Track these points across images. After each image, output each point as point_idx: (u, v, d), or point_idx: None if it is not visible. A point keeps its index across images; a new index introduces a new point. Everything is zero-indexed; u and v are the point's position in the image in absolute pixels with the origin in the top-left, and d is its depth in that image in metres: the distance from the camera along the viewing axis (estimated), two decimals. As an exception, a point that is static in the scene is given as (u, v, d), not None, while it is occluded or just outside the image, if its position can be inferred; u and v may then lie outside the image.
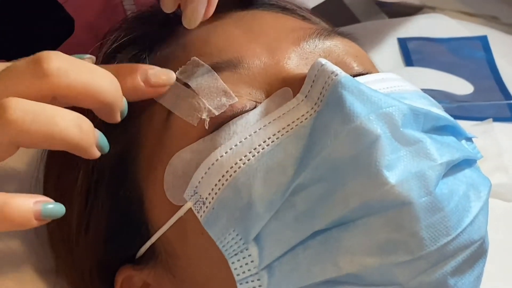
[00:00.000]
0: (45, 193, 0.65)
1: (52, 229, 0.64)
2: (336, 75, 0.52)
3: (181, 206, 0.54)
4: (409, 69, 1.11)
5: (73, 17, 0.76)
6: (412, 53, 1.13)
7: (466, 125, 0.67)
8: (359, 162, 0.50)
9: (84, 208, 0.60)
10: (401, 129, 0.51)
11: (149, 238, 0.57)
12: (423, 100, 0.57)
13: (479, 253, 0.53)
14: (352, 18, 1.56)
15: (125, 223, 0.59)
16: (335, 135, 0.50)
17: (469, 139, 0.59)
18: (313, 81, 0.53)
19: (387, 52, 1.12)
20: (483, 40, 1.19)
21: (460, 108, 1.02)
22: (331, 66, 0.53)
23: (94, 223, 0.60)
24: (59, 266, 0.65)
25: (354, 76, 0.55)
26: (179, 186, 0.54)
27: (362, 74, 0.58)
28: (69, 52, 0.60)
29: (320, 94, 0.53)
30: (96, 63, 0.62)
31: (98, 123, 0.59)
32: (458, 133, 0.57)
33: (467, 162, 0.55)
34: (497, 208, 0.85)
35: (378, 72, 0.61)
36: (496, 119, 0.99)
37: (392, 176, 0.49)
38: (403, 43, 1.15)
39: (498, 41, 1.20)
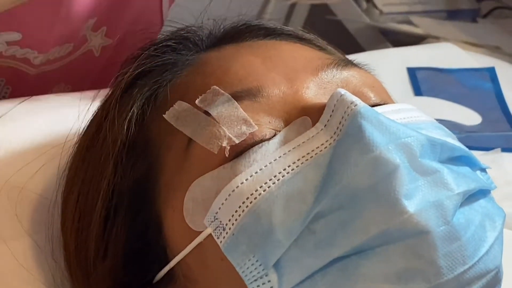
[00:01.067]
0: (63, 217, 0.66)
1: (69, 253, 0.64)
2: (356, 105, 0.53)
3: (201, 232, 0.55)
4: (419, 98, 1.11)
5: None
6: (421, 83, 1.14)
7: (474, 155, 0.68)
8: (378, 191, 0.51)
9: (102, 233, 0.61)
10: (419, 159, 0.52)
11: (167, 262, 0.58)
12: (439, 131, 0.58)
13: (494, 282, 0.54)
14: (356, 47, 1.58)
15: (143, 248, 0.59)
16: (354, 164, 0.51)
17: (483, 170, 0.59)
18: (333, 111, 0.54)
19: (396, 81, 1.12)
20: (491, 71, 1.20)
21: (469, 138, 1.03)
22: (351, 96, 0.54)
23: (112, 248, 0.60)
24: (75, 290, 0.66)
25: (372, 106, 0.56)
26: (198, 212, 0.55)
27: (379, 105, 0.59)
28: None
29: (340, 123, 0.53)
30: (117, 90, 0.63)
31: (119, 147, 0.60)
32: (472, 164, 0.58)
33: (482, 192, 0.56)
34: (505, 237, 0.85)
35: (393, 102, 0.62)
36: (504, 149, 1.00)
37: (411, 205, 0.50)
38: (412, 72, 1.16)
39: (504, 72, 1.21)
